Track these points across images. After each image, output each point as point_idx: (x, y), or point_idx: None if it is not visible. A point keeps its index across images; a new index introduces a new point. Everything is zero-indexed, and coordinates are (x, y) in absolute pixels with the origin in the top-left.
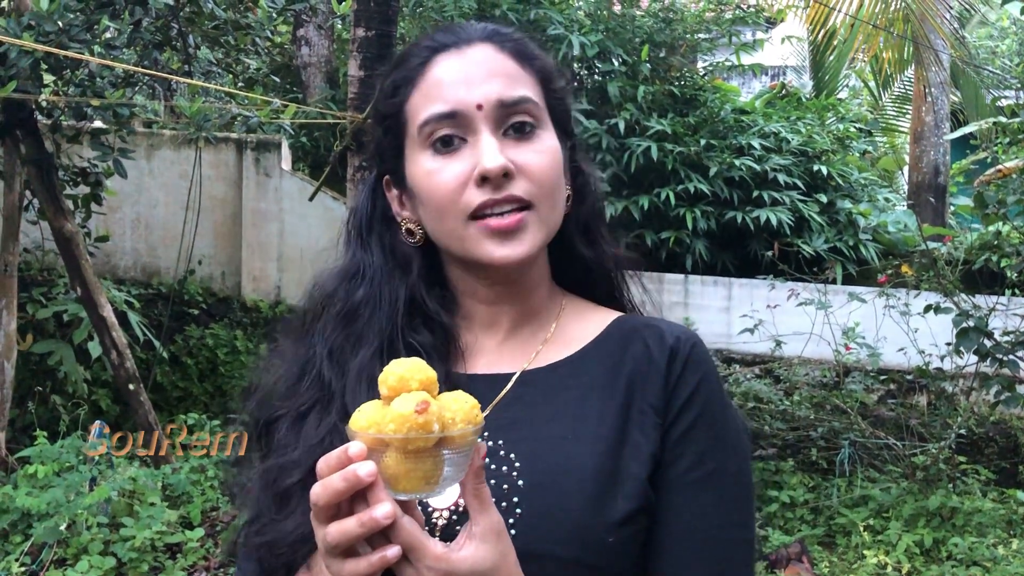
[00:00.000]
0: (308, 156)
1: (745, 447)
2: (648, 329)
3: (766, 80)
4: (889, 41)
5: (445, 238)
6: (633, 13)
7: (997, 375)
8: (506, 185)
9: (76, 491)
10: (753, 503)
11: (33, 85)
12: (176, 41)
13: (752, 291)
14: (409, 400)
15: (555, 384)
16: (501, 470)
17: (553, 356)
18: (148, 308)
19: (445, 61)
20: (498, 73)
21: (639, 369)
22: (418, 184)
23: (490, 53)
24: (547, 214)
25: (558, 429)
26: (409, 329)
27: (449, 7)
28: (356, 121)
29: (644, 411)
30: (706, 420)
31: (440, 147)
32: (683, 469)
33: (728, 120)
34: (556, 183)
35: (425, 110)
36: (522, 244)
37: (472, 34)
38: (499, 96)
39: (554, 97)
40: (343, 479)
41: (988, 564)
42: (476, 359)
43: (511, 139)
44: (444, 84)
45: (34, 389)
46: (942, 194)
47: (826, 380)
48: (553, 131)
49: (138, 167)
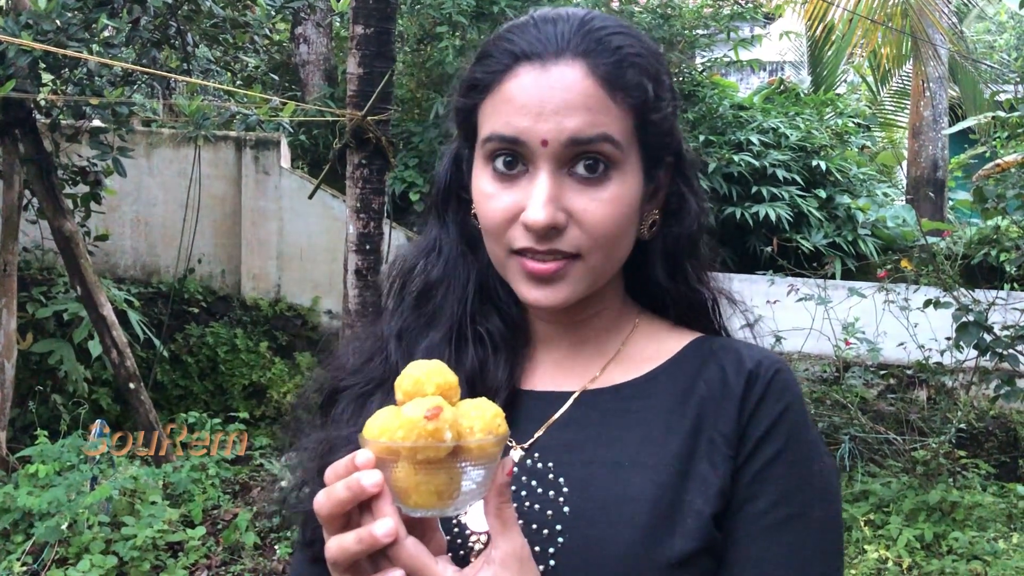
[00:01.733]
0: (307, 154)
1: (835, 490)
2: (726, 352)
3: (764, 76)
4: (887, 36)
5: (492, 257)
6: (631, 9)
7: (997, 369)
8: (552, 237)
9: (77, 490)
10: (841, 556)
11: (32, 84)
12: (175, 39)
13: (751, 287)
14: (420, 405)
15: (617, 407)
16: (548, 495)
17: (618, 377)
18: (148, 307)
19: (524, 75)
20: (578, 105)
21: (712, 394)
22: (475, 197)
23: (577, 76)
24: (597, 264)
25: (615, 455)
26: (480, 315)
27: (447, 4)
28: (355, 119)
29: (714, 441)
30: (789, 456)
31: (501, 168)
32: (759, 511)
33: (727, 116)
34: (616, 233)
35: (491, 125)
36: (559, 292)
37: (564, 44)
38: (571, 134)
39: (648, 131)
40: (346, 488)
41: (989, 558)
42: (534, 373)
43: (577, 179)
44: (515, 105)
45: (34, 388)
46: (941, 189)
47: (826, 375)
48: (635, 170)
49: (137, 166)
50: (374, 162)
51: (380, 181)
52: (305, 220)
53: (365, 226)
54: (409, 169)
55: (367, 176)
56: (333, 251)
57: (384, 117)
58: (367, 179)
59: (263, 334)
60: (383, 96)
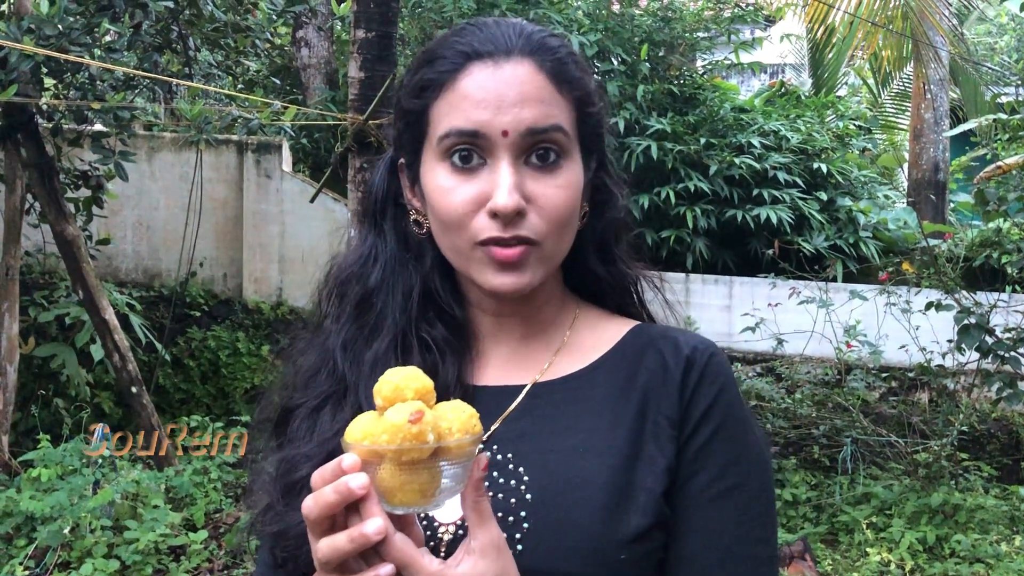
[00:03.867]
0: (309, 158)
1: (767, 461)
2: (664, 339)
3: (765, 78)
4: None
5: (449, 252)
6: (632, 12)
7: (999, 372)
8: (516, 223)
9: (79, 494)
10: (775, 520)
11: (34, 89)
12: (176, 44)
13: (753, 289)
14: (403, 410)
15: (567, 396)
16: (509, 484)
17: (566, 368)
18: (150, 310)
19: (478, 73)
20: (531, 98)
21: (654, 381)
22: (430, 194)
23: (528, 72)
24: (552, 249)
25: (569, 442)
26: (423, 322)
27: (448, 8)
28: (356, 123)
29: (659, 423)
30: (725, 433)
31: (458, 162)
32: (702, 484)
33: (728, 118)
34: (570, 217)
35: (448, 122)
36: (523, 277)
37: (512, 45)
38: (529, 124)
39: (586, 123)
40: (335, 491)
41: (991, 561)
42: (485, 369)
43: (532, 167)
44: (472, 100)
45: (37, 392)
46: (942, 191)
47: (828, 378)
48: (578, 158)
49: (139, 170)
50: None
51: None
52: (307, 224)
53: None
54: None
55: (369, 180)
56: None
57: (386, 121)
58: (369, 183)
59: (265, 337)
60: (385, 100)
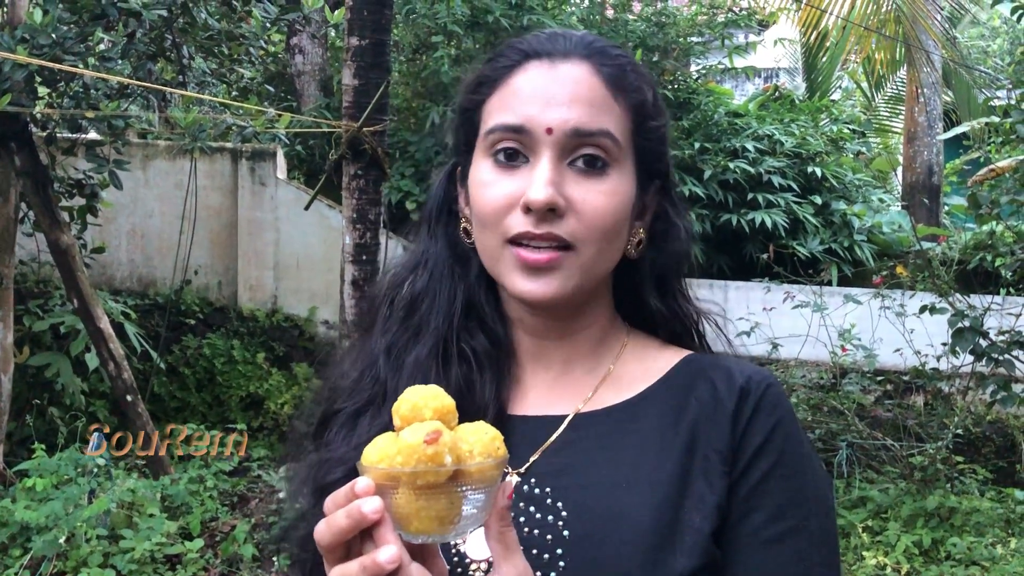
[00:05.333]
0: (303, 165)
1: (829, 501)
2: (716, 369)
3: (759, 83)
4: (881, 42)
5: (483, 253)
6: (626, 18)
7: (993, 375)
8: (550, 220)
9: (75, 504)
10: (839, 567)
11: (28, 98)
12: (170, 52)
13: (748, 294)
14: (419, 430)
15: (611, 428)
16: (547, 519)
17: (611, 398)
18: (145, 319)
19: (533, 70)
20: (583, 99)
21: (704, 412)
22: (473, 190)
23: (583, 74)
24: (591, 258)
25: (611, 477)
26: (465, 332)
27: (442, 15)
28: (351, 130)
29: (709, 458)
30: (783, 471)
31: (502, 159)
32: (757, 525)
33: (722, 123)
34: (613, 227)
35: (496, 117)
36: (551, 284)
37: (571, 48)
38: (575, 125)
39: (644, 136)
40: (347, 516)
41: (987, 563)
42: (525, 397)
43: (577, 171)
44: (522, 95)
45: (31, 402)
46: (936, 194)
47: (823, 382)
48: (631, 172)
49: (133, 178)
50: (370, 173)
51: (376, 191)
52: (302, 231)
53: (361, 236)
54: (405, 179)
55: (363, 187)
56: (330, 261)
57: (380, 128)
58: (363, 190)
59: (260, 345)
60: (379, 107)
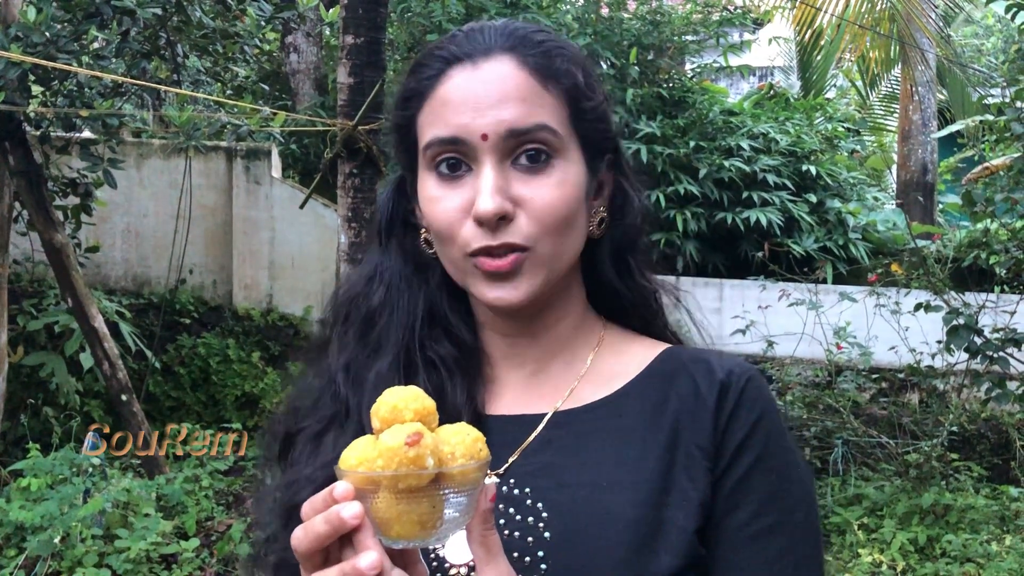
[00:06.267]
0: (298, 163)
1: (811, 495)
2: (696, 363)
3: (754, 81)
4: (875, 41)
5: (448, 267)
6: (621, 16)
7: (988, 372)
8: (503, 229)
9: (70, 503)
10: (823, 561)
11: (21, 96)
12: (164, 50)
13: (743, 292)
14: (399, 432)
15: (591, 426)
16: (527, 521)
17: (589, 395)
18: (139, 318)
19: (457, 76)
20: (512, 96)
21: (685, 407)
22: (424, 205)
23: (508, 70)
24: (547, 253)
25: (592, 476)
26: (430, 340)
27: (437, 13)
28: (346, 128)
29: (692, 454)
30: (766, 465)
31: (445, 171)
32: (741, 521)
33: (717, 122)
34: (566, 218)
35: (430, 131)
36: (517, 288)
37: (492, 43)
38: (509, 125)
39: (583, 118)
40: (326, 522)
41: (982, 560)
42: (501, 396)
43: (521, 169)
44: (451, 105)
45: (26, 401)
46: (930, 192)
47: (818, 380)
48: (577, 157)
49: (128, 177)
50: (365, 171)
51: (371, 190)
52: (297, 230)
53: (357, 235)
54: None
55: (358, 185)
56: (325, 260)
57: (375, 126)
58: (358, 188)
59: (255, 344)
60: (374, 105)
